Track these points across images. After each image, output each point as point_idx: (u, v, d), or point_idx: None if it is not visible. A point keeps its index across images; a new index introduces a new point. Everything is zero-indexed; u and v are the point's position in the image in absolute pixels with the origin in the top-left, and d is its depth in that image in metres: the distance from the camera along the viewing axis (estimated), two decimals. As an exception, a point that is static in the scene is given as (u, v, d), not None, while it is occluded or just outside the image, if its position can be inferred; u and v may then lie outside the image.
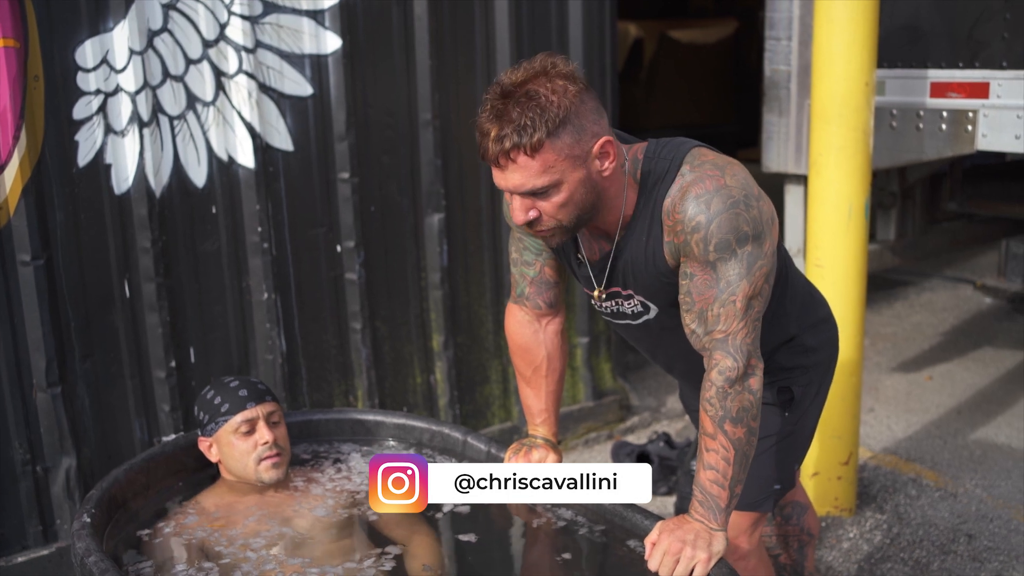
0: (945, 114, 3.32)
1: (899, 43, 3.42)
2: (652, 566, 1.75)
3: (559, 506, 2.08)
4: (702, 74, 11.90)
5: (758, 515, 2.08)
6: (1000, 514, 3.27)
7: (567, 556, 2.00)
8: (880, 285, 5.93)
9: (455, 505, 2.15)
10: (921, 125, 3.39)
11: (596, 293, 1.90)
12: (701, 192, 1.72)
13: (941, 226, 4.55)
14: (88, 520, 1.88)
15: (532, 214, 1.70)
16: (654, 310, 1.89)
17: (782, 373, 1.99)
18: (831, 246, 3.05)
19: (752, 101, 11.80)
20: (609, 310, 1.95)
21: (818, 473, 3.23)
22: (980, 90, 3.23)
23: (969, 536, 3.14)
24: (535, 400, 2.14)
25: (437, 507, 2.13)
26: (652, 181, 1.78)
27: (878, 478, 3.54)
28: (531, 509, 2.11)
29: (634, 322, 1.95)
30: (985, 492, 3.43)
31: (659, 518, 1.89)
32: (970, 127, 3.26)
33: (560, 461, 2.12)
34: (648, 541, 1.79)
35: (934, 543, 3.10)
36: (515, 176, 1.66)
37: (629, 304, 1.91)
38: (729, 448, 1.74)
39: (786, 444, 2.06)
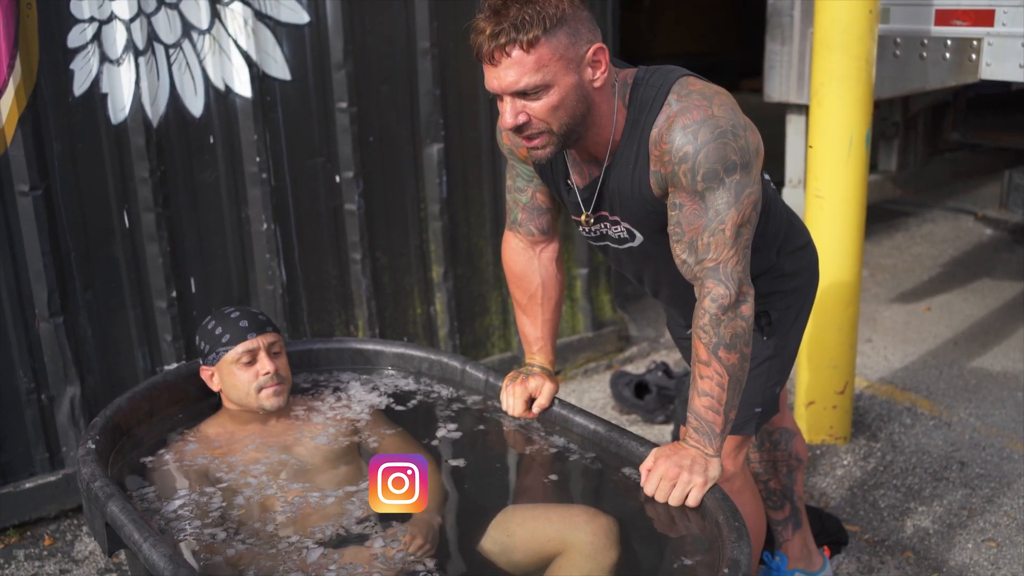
0: (949, 42, 3.28)
1: (905, -31, 3.37)
2: (648, 491, 1.79)
3: (553, 433, 2.11)
4: (705, 3, 11.73)
5: (742, 438, 2.12)
6: (993, 442, 3.31)
7: (559, 480, 2.04)
8: (881, 216, 5.92)
9: (449, 431, 2.18)
10: (925, 54, 3.35)
11: (583, 217, 1.90)
12: (688, 122, 1.72)
13: (943, 157, 4.52)
14: (93, 446, 1.91)
15: (522, 118, 1.69)
16: (639, 237, 1.91)
17: (760, 299, 2.01)
18: (831, 176, 3.04)
19: (757, 30, 11.67)
20: (596, 233, 1.96)
21: (814, 402, 3.26)
22: (985, 18, 3.18)
23: (962, 463, 3.19)
24: (531, 328, 2.17)
25: (433, 434, 2.17)
26: (639, 108, 1.77)
27: (873, 407, 3.58)
28: (526, 436, 2.14)
29: (620, 247, 1.97)
30: (979, 421, 3.47)
31: (654, 445, 1.91)
32: (974, 56, 3.22)
33: (557, 389, 2.15)
34: (644, 468, 1.82)
35: (927, 470, 3.15)
36: (509, 73, 1.65)
37: (615, 230, 1.92)
38: (723, 374, 1.77)
39: (766, 367, 2.09)
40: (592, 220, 1.91)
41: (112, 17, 2.84)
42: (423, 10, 3.33)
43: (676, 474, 1.76)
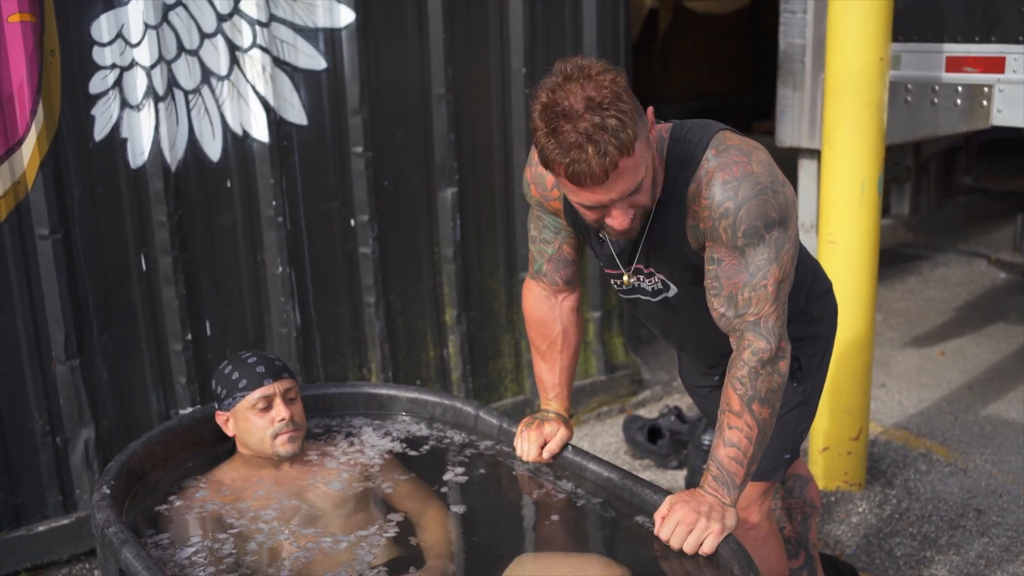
0: (960, 89, 3.30)
1: (915, 17, 3.39)
2: (664, 535, 1.77)
3: (566, 479, 2.10)
4: (718, 44, 11.82)
5: (769, 484, 2.11)
6: (1010, 489, 3.28)
7: (572, 528, 2.03)
8: (894, 260, 5.92)
9: (461, 476, 2.18)
10: (936, 100, 3.37)
11: (624, 275, 1.92)
12: (728, 178, 1.72)
13: (956, 201, 4.53)
14: (108, 491, 1.91)
15: (631, 213, 1.70)
16: (674, 289, 1.92)
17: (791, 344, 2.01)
18: (843, 221, 3.05)
19: (770, 72, 11.75)
20: (630, 286, 1.97)
21: (828, 448, 3.25)
22: (996, 64, 3.20)
23: (978, 511, 3.16)
24: (549, 375, 2.17)
25: (445, 480, 2.17)
26: (679, 164, 1.78)
27: (888, 453, 3.56)
28: (539, 483, 2.13)
29: (653, 299, 1.97)
30: (995, 468, 3.44)
31: (668, 493, 1.91)
32: (985, 102, 3.24)
33: (571, 436, 2.15)
34: (658, 515, 1.81)
35: (943, 518, 3.12)
36: (620, 182, 1.63)
37: (650, 282, 1.93)
38: (754, 427, 1.77)
39: (795, 413, 2.10)
40: (630, 274, 1.92)
41: (133, 64, 2.89)
42: (438, 56, 3.38)
43: (693, 520, 1.74)
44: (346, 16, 3.19)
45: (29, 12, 2.70)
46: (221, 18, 3.02)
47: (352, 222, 3.35)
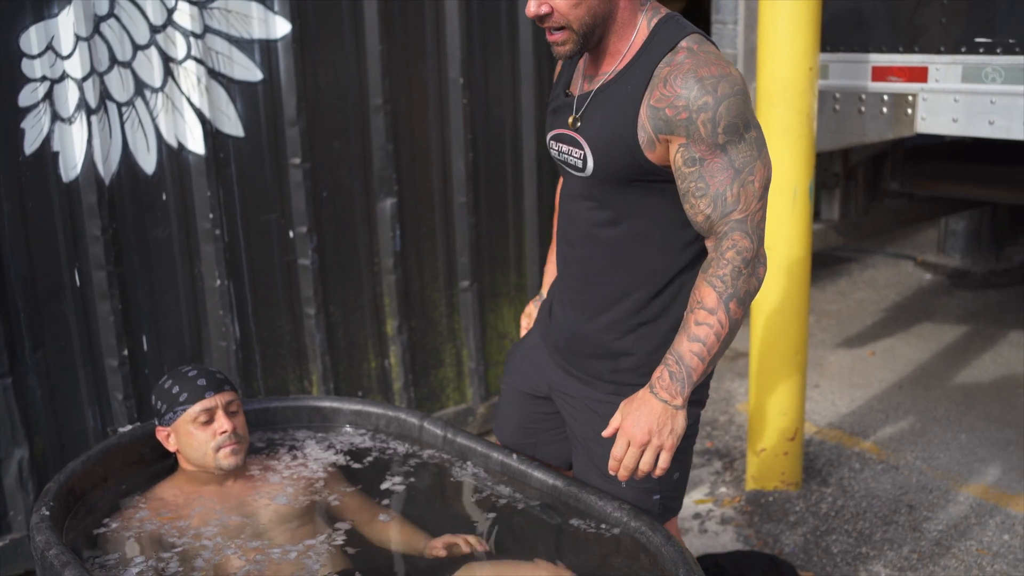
0: (886, 97, 3.40)
1: (842, 27, 3.49)
2: (617, 454, 1.74)
3: (511, 487, 2.12)
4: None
5: (675, 519, 2.09)
6: (939, 485, 3.39)
7: (519, 535, 2.05)
8: (824, 262, 6.06)
9: (405, 487, 2.19)
10: (863, 108, 3.47)
11: (570, 119, 1.86)
12: (706, 75, 1.70)
13: (883, 204, 4.66)
14: (47, 513, 1.88)
15: (544, 8, 1.73)
16: (590, 166, 1.84)
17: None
18: (777, 228, 3.12)
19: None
20: (561, 156, 1.93)
21: (765, 449, 3.32)
22: (919, 74, 3.31)
23: (910, 507, 3.25)
24: (552, 257, 2.22)
25: (390, 491, 2.17)
26: (658, 39, 1.78)
27: (823, 452, 3.65)
28: (484, 492, 2.15)
29: (575, 174, 1.90)
30: (925, 464, 3.55)
31: (613, 499, 1.94)
32: (910, 110, 3.34)
33: None
34: (607, 432, 1.78)
35: (877, 514, 3.21)
36: None
37: (575, 154, 1.87)
38: (725, 326, 1.72)
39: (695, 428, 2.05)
40: (579, 123, 1.85)
41: (64, 76, 2.84)
42: (375, 67, 3.38)
43: (645, 439, 1.72)
44: (282, 27, 3.18)
45: None
46: (154, 29, 2.99)
47: (291, 233, 3.33)
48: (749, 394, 3.35)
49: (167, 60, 3.01)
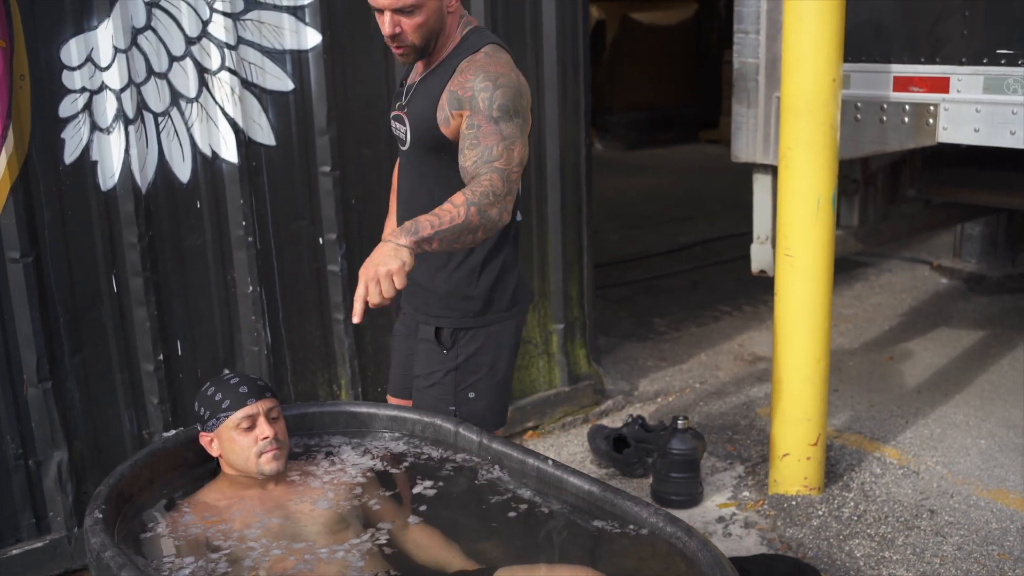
0: (908, 107, 3.44)
1: (863, 38, 3.53)
2: (360, 293, 1.99)
3: (543, 491, 2.17)
4: (663, 56, 12.02)
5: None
6: (960, 490, 3.43)
7: (552, 540, 2.10)
8: (841, 267, 6.05)
9: (441, 492, 2.24)
10: (884, 118, 3.51)
11: (399, 104, 2.40)
12: (492, 71, 2.22)
13: (900, 210, 4.69)
14: (100, 516, 1.93)
15: (396, 29, 2.21)
16: (409, 139, 2.35)
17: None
18: (800, 237, 3.16)
19: (712, 83, 11.99)
20: (395, 132, 2.44)
21: (788, 454, 3.36)
22: (941, 84, 3.35)
23: (932, 511, 3.29)
24: (388, 224, 2.68)
25: (426, 495, 2.22)
26: (465, 45, 2.29)
27: (844, 457, 3.69)
28: (519, 496, 2.20)
29: (402, 148, 2.43)
30: (945, 469, 3.59)
31: (651, 505, 1.99)
32: (931, 120, 3.38)
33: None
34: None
35: (899, 519, 3.25)
36: None
37: (401, 130, 2.39)
38: (461, 218, 2.08)
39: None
40: (406, 107, 2.35)
41: (103, 87, 2.90)
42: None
43: (373, 273, 1.99)
44: (313, 38, 3.24)
45: (3, 39, 2.71)
46: (190, 41, 3.05)
47: (321, 240, 3.39)
48: (772, 399, 3.39)
49: (202, 71, 3.07)
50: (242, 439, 2.21)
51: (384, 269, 1.99)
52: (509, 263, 2.47)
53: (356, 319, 2.03)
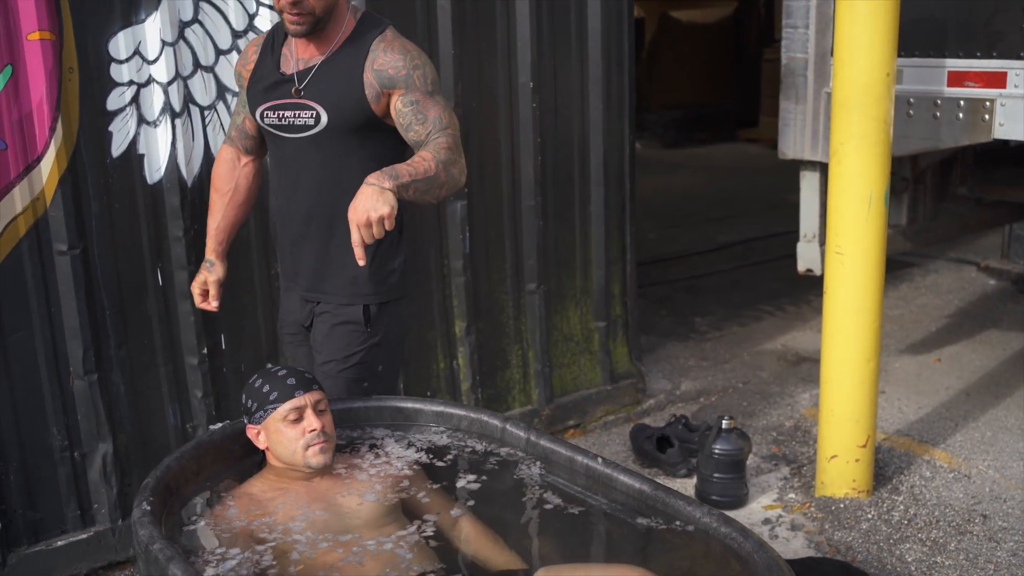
0: (962, 103, 3.37)
1: (917, 32, 3.46)
2: (356, 239, 2.12)
3: (592, 489, 2.14)
4: (702, 54, 11.94)
5: None
6: (1013, 495, 3.35)
7: (606, 540, 2.07)
8: (887, 267, 5.98)
9: (486, 486, 2.21)
10: (938, 114, 3.44)
11: (293, 90, 2.39)
12: (410, 49, 2.39)
13: (950, 209, 4.60)
14: (148, 508, 1.93)
15: None
16: (324, 120, 2.37)
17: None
18: (852, 234, 3.10)
19: (751, 81, 11.88)
20: (283, 121, 2.42)
21: (836, 456, 3.30)
22: (997, 79, 3.27)
23: (984, 516, 3.22)
24: (212, 221, 2.67)
25: (471, 489, 2.20)
26: (367, 25, 2.40)
27: (892, 460, 3.62)
28: (566, 493, 2.17)
29: (300, 135, 2.41)
30: (997, 473, 3.51)
31: (700, 504, 1.95)
32: (987, 116, 3.30)
33: (221, 275, 2.67)
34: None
35: (950, 523, 3.18)
36: None
37: (304, 115, 2.39)
38: (432, 172, 2.23)
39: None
40: (301, 92, 2.38)
41: (150, 80, 2.91)
42: (447, 71, 3.41)
43: (364, 218, 2.11)
44: (358, 32, 3.22)
45: (48, 30, 2.72)
46: (236, 34, 3.05)
47: (364, 235, 3.37)
48: (820, 400, 3.33)
49: (248, 64, 3.06)
50: (289, 431, 2.19)
51: (376, 214, 2.11)
52: (407, 237, 2.59)
53: (362, 262, 2.16)
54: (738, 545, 1.85)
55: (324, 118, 2.38)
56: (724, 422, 3.37)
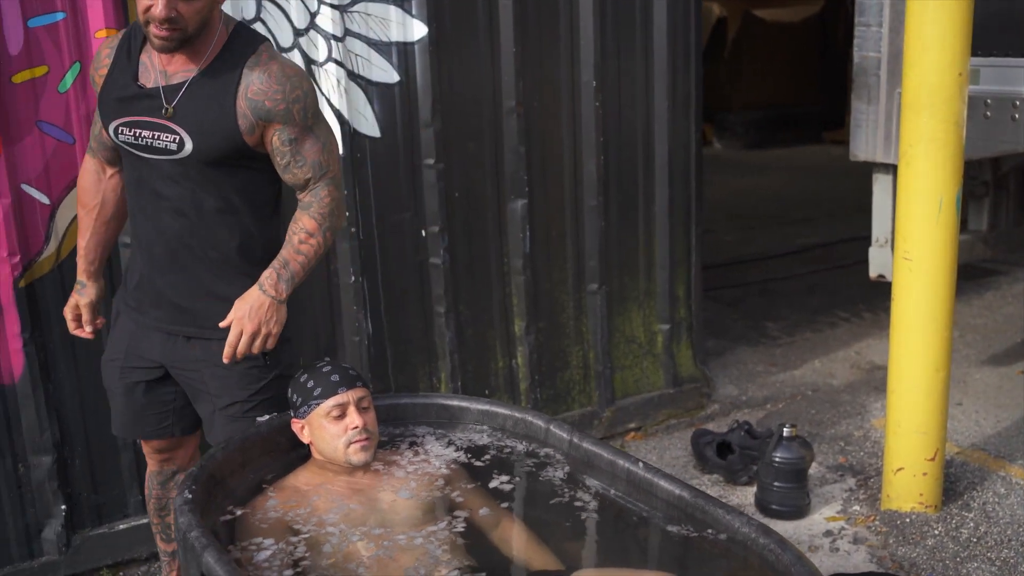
0: (1044, 103, 3.23)
1: (994, 30, 3.33)
2: (232, 340, 2.16)
3: (631, 493, 2.11)
4: (787, 54, 11.70)
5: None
6: (1092, 515, 3.19)
7: (644, 546, 2.03)
8: (971, 275, 5.78)
9: (524, 487, 2.19)
10: (1017, 115, 3.30)
11: (163, 111, 2.15)
12: (291, 73, 2.19)
13: (1035, 216, 4.42)
14: (189, 496, 1.96)
15: (172, 12, 2.04)
16: (189, 147, 2.16)
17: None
18: (920, 239, 2.99)
19: (838, 82, 11.59)
20: (140, 141, 2.19)
21: (903, 468, 3.19)
22: (1082, 79, 3.13)
23: (1059, 536, 3.07)
24: (82, 240, 2.44)
25: (509, 489, 2.18)
26: (240, 43, 2.18)
27: (965, 474, 3.48)
28: (604, 496, 2.14)
29: (164, 158, 2.18)
30: (1077, 492, 3.35)
31: (739, 513, 1.90)
32: (1071, 117, 3.16)
33: (94, 297, 2.46)
34: (224, 324, 2.18)
35: (1023, 543, 3.04)
36: None
37: (167, 138, 2.17)
38: (321, 247, 2.25)
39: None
40: (172, 112, 2.15)
41: (214, 78, 2.96)
42: (509, 70, 3.40)
43: (257, 328, 2.17)
44: (419, 30, 3.24)
45: (115, 27, 2.79)
46: (298, 33, 3.09)
47: (423, 233, 3.39)
48: (887, 410, 3.23)
49: (309, 62, 3.10)
50: (332, 427, 2.21)
51: (266, 330, 2.18)
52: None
53: (227, 361, 2.18)
54: (775, 557, 1.80)
55: (189, 145, 2.15)
56: (785, 430, 3.29)
